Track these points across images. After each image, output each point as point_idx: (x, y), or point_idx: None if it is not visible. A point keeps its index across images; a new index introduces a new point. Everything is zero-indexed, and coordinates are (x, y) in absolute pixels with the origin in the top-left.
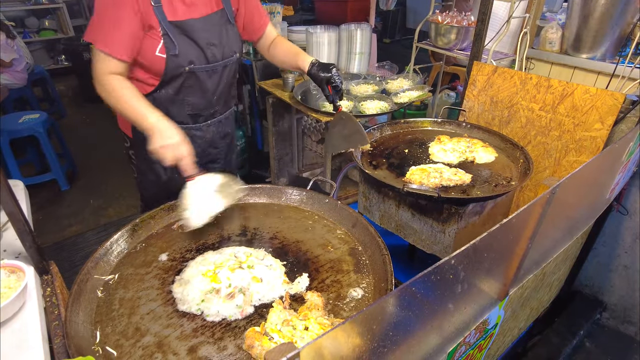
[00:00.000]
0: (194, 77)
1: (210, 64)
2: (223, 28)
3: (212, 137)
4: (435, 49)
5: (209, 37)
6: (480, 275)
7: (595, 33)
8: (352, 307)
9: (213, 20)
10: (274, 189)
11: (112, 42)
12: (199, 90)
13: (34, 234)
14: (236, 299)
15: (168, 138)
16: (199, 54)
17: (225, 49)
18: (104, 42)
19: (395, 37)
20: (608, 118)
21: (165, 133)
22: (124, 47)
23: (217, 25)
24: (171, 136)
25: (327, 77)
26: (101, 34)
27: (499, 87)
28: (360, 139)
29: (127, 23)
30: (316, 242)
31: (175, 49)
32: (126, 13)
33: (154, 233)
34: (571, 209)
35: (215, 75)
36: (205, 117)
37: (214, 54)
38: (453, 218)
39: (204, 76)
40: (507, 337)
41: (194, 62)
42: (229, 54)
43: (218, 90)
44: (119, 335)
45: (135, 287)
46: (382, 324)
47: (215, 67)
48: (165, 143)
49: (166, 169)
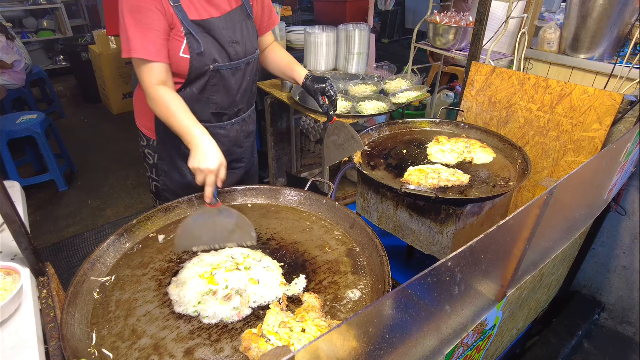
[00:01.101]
0: (219, 75)
1: (233, 61)
2: (243, 24)
3: (237, 136)
4: (434, 50)
5: (231, 34)
6: (478, 277)
7: (594, 33)
8: (349, 308)
9: (234, 17)
10: (271, 190)
11: (146, 47)
12: (223, 89)
13: (29, 236)
14: (233, 300)
15: (208, 162)
16: (222, 52)
17: (248, 46)
18: (139, 49)
19: (394, 37)
20: (606, 118)
21: (207, 155)
22: (158, 48)
23: (238, 22)
24: (211, 161)
25: (322, 88)
26: (135, 43)
27: (497, 88)
28: (355, 146)
29: (155, 24)
30: (314, 243)
31: (200, 47)
32: (152, 15)
33: (151, 234)
34: (569, 210)
35: (239, 73)
36: (230, 116)
37: (237, 52)
38: (451, 219)
39: (228, 75)
40: (506, 338)
41: (217, 60)
42: (251, 51)
43: (242, 88)
44: (115, 338)
45: (132, 288)
46: (378, 327)
47: (238, 64)
48: (203, 167)
49: None
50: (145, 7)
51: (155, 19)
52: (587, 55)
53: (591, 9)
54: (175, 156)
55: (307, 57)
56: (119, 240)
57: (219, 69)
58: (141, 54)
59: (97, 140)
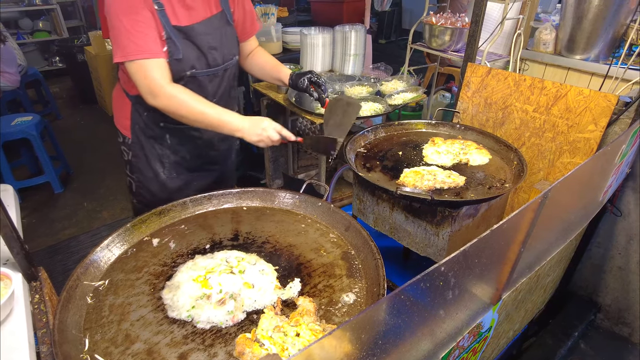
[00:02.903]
0: (196, 81)
1: (211, 68)
2: (223, 30)
3: (211, 139)
4: (430, 51)
5: (210, 40)
6: (472, 280)
7: (589, 34)
8: (344, 312)
9: (213, 23)
10: (266, 193)
11: (144, 44)
12: (199, 94)
13: (21, 240)
14: (227, 305)
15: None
16: (201, 58)
17: (226, 52)
18: (137, 49)
19: (390, 37)
20: (601, 119)
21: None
22: (156, 44)
23: (217, 28)
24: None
25: (308, 78)
26: (131, 44)
27: (493, 89)
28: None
29: (148, 22)
30: (309, 246)
31: (179, 54)
32: (143, 14)
33: (145, 238)
34: (564, 212)
35: (216, 79)
36: None
37: (215, 58)
38: (447, 221)
39: (205, 80)
40: (502, 339)
41: (195, 66)
42: (229, 57)
43: (218, 93)
44: (108, 343)
45: (125, 293)
46: (372, 332)
47: (216, 71)
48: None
49: (165, 168)
50: (139, 6)
51: (149, 17)
52: (582, 56)
53: (586, 10)
54: (149, 155)
55: (303, 58)
56: (113, 244)
57: (196, 75)
58: (147, 54)
59: (93, 141)
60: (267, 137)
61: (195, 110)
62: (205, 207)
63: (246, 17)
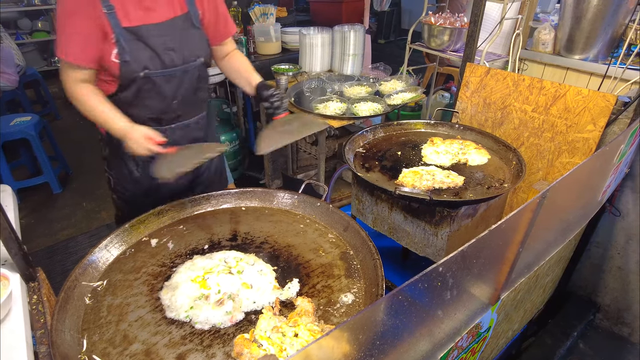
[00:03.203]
0: (151, 82)
1: (167, 69)
2: (185, 32)
3: (178, 141)
4: (429, 51)
5: (167, 41)
6: (470, 281)
7: (588, 34)
8: (342, 312)
9: (175, 24)
10: (265, 193)
11: (72, 50)
12: (156, 95)
13: (19, 241)
14: (225, 305)
15: (135, 139)
16: (155, 59)
17: (187, 53)
18: (65, 51)
19: (390, 37)
20: (600, 119)
21: (131, 134)
22: (83, 53)
23: (179, 29)
24: (136, 136)
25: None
26: (62, 45)
27: (492, 89)
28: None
29: (83, 29)
30: (307, 246)
31: (126, 55)
32: (80, 20)
33: (143, 238)
34: (563, 212)
35: (175, 80)
36: (168, 120)
37: (172, 59)
38: (445, 221)
39: (161, 81)
40: (501, 339)
41: (148, 67)
42: (190, 59)
43: (178, 94)
44: (106, 343)
45: (123, 293)
46: (369, 333)
47: (173, 72)
48: (134, 144)
49: (138, 166)
50: (82, 9)
51: (82, 25)
52: (581, 56)
53: (585, 10)
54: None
55: (302, 58)
56: (112, 244)
57: (150, 75)
58: (64, 56)
59: (91, 142)
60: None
61: (87, 112)
62: (203, 207)
63: (218, 20)
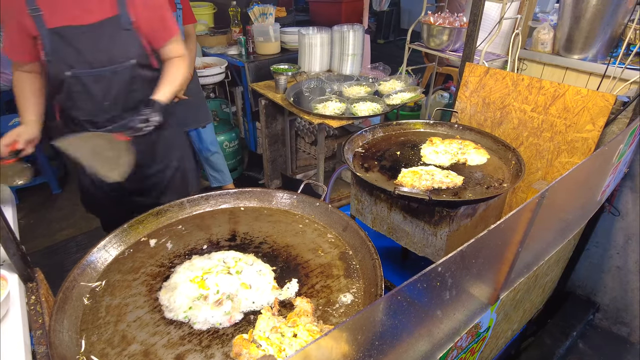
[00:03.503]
0: (80, 82)
1: (94, 69)
2: (116, 34)
3: None
4: (428, 50)
5: (95, 42)
6: (470, 281)
7: (587, 34)
8: (341, 312)
9: (104, 26)
10: (264, 193)
11: (7, 48)
12: (86, 96)
13: (18, 242)
14: (224, 305)
15: None
16: (80, 59)
17: (115, 55)
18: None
19: (389, 37)
20: (599, 119)
21: None
22: (15, 51)
23: (108, 31)
24: None
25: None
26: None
27: (491, 89)
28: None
29: (12, 30)
30: (306, 246)
31: (51, 55)
32: (10, 21)
33: (142, 238)
34: (562, 212)
35: (104, 80)
36: (102, 122)
37: (100, 60)
38: (445, 221)
39: (89, 81)
40: (500, 339)
41: (74, 67)
42: (119, 60)
43: (110, 95)
44: (104, 344)
45: (122, 294)
46: (368, 333)
47: (101, 72)
48: None
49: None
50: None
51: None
52: (580, 55)
53: (584, 10)
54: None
55: (301, 58)
56: (110, 245)
57: (77, 75)
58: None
59: None
60: None
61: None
62: (202, 207)
63: (154, 23)
